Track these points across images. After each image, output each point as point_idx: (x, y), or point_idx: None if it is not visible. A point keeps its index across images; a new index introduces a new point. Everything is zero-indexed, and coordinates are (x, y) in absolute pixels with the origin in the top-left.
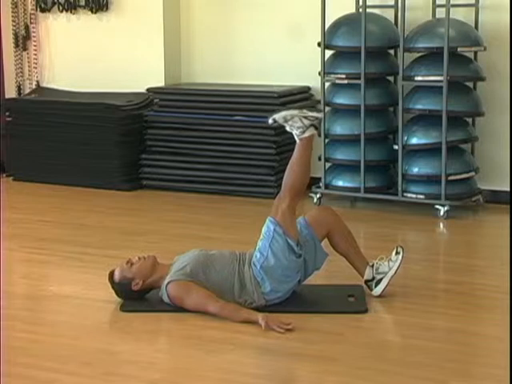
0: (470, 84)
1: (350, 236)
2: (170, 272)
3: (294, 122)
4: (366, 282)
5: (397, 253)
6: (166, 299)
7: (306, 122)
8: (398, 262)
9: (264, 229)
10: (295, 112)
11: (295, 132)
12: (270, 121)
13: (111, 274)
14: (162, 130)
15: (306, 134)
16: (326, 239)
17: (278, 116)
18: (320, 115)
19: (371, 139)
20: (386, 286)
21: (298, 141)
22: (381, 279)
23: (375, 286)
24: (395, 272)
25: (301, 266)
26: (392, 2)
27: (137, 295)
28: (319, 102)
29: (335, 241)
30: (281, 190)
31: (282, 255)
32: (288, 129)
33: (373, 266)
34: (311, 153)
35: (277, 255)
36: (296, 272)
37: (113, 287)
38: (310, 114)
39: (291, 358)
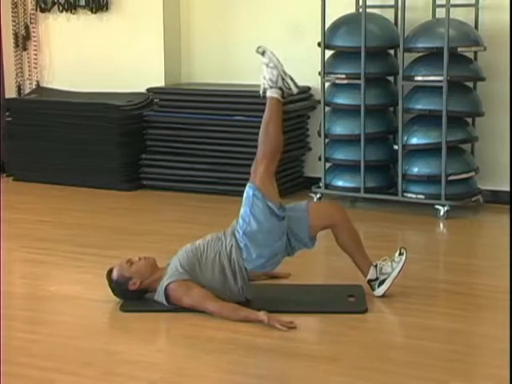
0: (470, 84)
1: (356, 235)
2: (165, 275)
3: (272, 71)
4: (369, 281)
5: (400, 254)
6: (163, 301)
7: (280, 82)
8: (402, 263)
9: (244, 195)
10: (280, 67)
11: (263, 81)
12: (260, 49)
13: (110, 272)
14: (162, 130)
15: (271, 93)
16: (333, 238)
17: (269, 55)
18: (295, 91)
19: (371, 139)
20: (389, 286)
21: (266, 96)
22: (384, 280)
23: (378, 287)
24: (398, 273)
25: (284, 229)
26: (392, 2)
27: (132, 295)
28: (319, 102)
29: (341, 238)
30: (257, 154)
31: (263, 219)
32: (263, 72)
33: (376, 266)
34: (281, 116)
35: (258, 219)
36: (280, 236)
37: (109, 285)
38: (290, 81)
39: (291, 358)
